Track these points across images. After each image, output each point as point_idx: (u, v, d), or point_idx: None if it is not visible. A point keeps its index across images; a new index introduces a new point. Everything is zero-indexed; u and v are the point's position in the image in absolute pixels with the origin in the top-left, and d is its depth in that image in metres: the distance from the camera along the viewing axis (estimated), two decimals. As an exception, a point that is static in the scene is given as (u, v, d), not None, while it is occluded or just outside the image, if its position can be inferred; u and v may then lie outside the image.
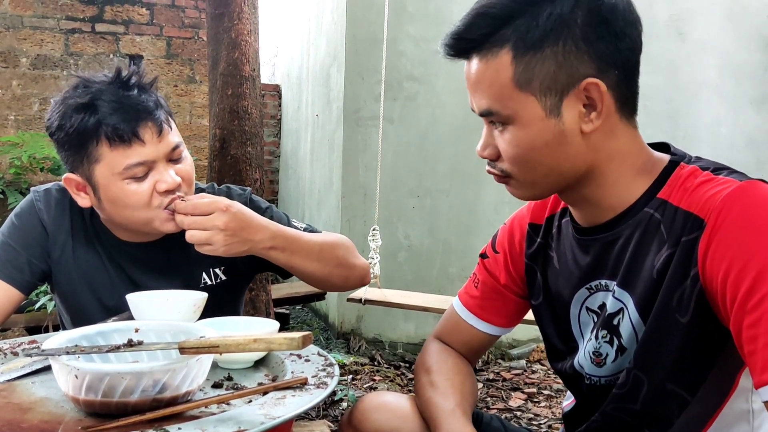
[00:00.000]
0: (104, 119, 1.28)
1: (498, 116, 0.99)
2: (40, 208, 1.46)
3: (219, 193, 1.55)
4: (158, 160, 1.33)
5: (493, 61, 0.96)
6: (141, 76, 1.36)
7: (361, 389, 3.29)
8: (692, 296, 0.92)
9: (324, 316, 4.66)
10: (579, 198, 1.05)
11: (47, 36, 5.33)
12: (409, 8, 4.02)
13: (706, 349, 0.95)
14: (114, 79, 1.34)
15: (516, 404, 3.26)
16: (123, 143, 1.29)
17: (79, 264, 1.46)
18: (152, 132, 1.31)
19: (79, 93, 1.31)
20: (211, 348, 0.93)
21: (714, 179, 0.95)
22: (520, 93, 0.95)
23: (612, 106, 0.97)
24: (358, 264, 1.53)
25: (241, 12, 3.05)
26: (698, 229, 0.91)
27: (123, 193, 1.32)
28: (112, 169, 1.31)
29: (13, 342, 1.29)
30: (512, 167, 1.01)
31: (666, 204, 0.97)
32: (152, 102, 1.34)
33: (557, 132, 0.96)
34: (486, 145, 1.04)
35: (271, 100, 6.42)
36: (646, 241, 0.99)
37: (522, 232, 1.22)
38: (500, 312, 1.26)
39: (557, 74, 0.94)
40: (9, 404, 1.00)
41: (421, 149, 4.09)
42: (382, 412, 1.19)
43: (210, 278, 1.50)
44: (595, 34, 0.93)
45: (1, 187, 4.84)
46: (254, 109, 3.07)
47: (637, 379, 1.01)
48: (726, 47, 4.39)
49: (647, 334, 0.98)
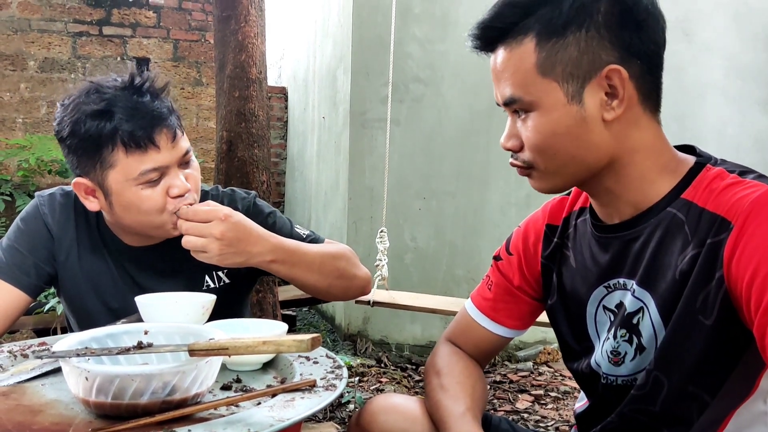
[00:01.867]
0: (120, 126, 1.29)
1: (521, 103, 1.00)
2: (44, 213, 1.47)
3: (223, 195, 1.55)
4: (171, 165, 1.34)
5: (517, 48, 0.98)
6: (153, 82, 1.37)
7: (367, 391, 3.29)
8: (717, 298, 0.92)
9: (330, 318, 4.66)
10: (602, 190, 1.04)
11: (55, 39, 5.35)
12: (415, 10, 4.02)
13: (729, 351, 0.95)
14: (128, 85, 1.34)
15: (523, 406, 3.25)
16: (139, 149, 1.30)
17: (84, 267, 1.47)
18: (167, 138, 1.32)
19: (93, 99, 1.31)
20: (221, 350, 0.94)
21: (741, 182, 0.94)
22: (543, 79, 0.97)
23: (635, 96, 0.97)
24: (359, 275, 1.52)
25: (247, 14, 3.06)
26: (725, 232, 0.91)
27: (137, 198, 1.33)
28: (126, 174, 1.32)
29: (23, 344, 1.30)
30: (534, 155, 1.02)
31: (691, 205, 0.97)
32: (165, 108, 1.35)
33: (579, 119, 0.97)
34: (510, 135, 1.05)
35: (278, 102, 6.43)
36: (669, 240, 0.98)
37: (537, 234, 1.22)
38: (513, 314, 1.26)
39: (580, 60, 0.95)
40: (19, 406, 1.00)
41: (428, 151, 4.09)
42: (390, 414, 1.19)
43: (213, 281, 1.51)
44: (618, 22, 0.95)
45: (9, 190, 4.86)
46: (261, 112, 3.07)
47: (657, 380, 1.00)
48: (732, 48, 4.38)
49: (669, 336, 0.98)
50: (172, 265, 1.47)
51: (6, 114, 5.27)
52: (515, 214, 4.01)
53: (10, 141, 5.04)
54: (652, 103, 1.00)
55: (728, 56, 4.38)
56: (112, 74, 1.39)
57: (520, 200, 4.06)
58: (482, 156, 4.09)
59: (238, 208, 1.52)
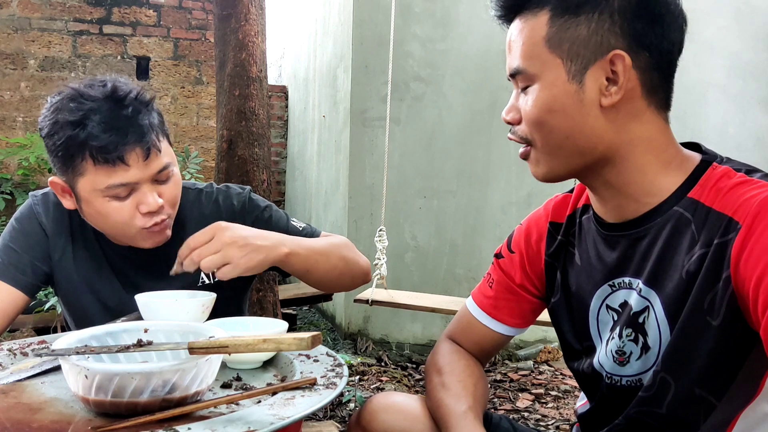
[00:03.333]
0: (91, 139, 1.27)
1: (525, 75, 1.01)
2: (38, 212, 1.47)
3: (218, 192, 1.55)
4: (142, 182, 1.32)
5: (532, 20, 1.00)
6: (139, 95, 1.34)
7: (368, 390, 3.29)
8: (724, 299, 0.91)
9: (331, 316, 4.66)
10: (602, 183, 1.04)
11: (55, 38, 5.35)
12: (415, 9, 4.01)
13: (735, 352, 0.94)
14: (109, 96, 1.31)
15: (523, 405, 3.25)
16: (107, 164, 1.28)
17: (78, 266, 1.47)
18: (138, 155, 1.30)
19: (71, 107, 1.30)
20: (221, 348, 0.93)
21: (749, 182, 0.94)
22: (549, 53, 0.98)
23: (637, 88, 0.97)
24: (361, 262, 1.53)
25: (248, 13, 3.06)
26: (732, 232, 0.90)
27: (104, 208, 1.33)
28: (94, 185, 1.31)
29: (23, 342, 1.30)
30: (530, 129, 1.02)
31: (697, 204, 0.96)
32: (145, 123, 1.32)
33: (576, 99, 0.97)
34: (511, 108, 1.06)
35: (278, 101, 6.43)
36: (676, 240, 0.98)
37: (540, 232, 1.21)
38: (514, 312, 1.26)
39: (588, 41, 0.96)
40: (19, 404, 1.00)
41: (428, 150, 4.09)
42: (391, 412, 1.19)
43: (209, 277, 1.50)
44: (633, 11, 0.95)
45: (10, 189, 4.87)
46: (261, 110, 3.07)
47: (664, 382, 1.00)
48: (733, 47, 4.38)
49: (677, 337, 0.97)
50: (166, 263, 1.47)
51: (6, 113, 5.27)
52: (516, 213, 4.01)
53: (10, 140, 5.04)
54: (658, 99, 1.00)
55: (729, 55, 4.37)
56: (107, 76, 1.37)
57: (521, 199, 4.06)
58: (483, 155, 4.08)
59: (233, 203, 1.53)
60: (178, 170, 1.42)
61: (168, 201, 1.37)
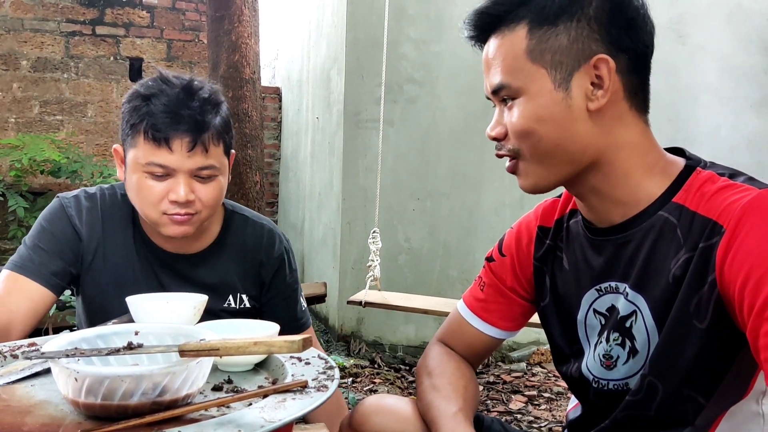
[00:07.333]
0: (150, 115, 1.35)
1: (508, 90, 1.01)
2: (71, 214, 1.49)
3: (265, 230, 1.59)
4: (179, 171, 1.36)
5: (509, 35, 1.01)
6: (211, 95, 1.41)
7: (361, 392, 3.28)
8: (710, 302, 0.92)
9: (324, 318, 4.66)
10: (589, 189, 1.05)
11: (48, 39, 5.34)
12: (409, 11, 4.02)
13: (723, 354, 0.95)
14: (184, 86, 1.39)
15: (516, 407, 3.25)
16: (154, 141, 1.34)
17: (108, 270, 1.49)
18: (183, 144, 1.35)
19: (149, 85, 1.39)
20: (212, 351, 0.93)
21: (732, 186, 0.95)
22: (532, 65, 0.99)
23: (620, 91, 0.99)
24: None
25: (241, 15, 3.06)
26: (717, 236, 0.91)
27: (139, 182, 1.38)
28: (137, 158, 1.37)
29: (13, 345, 1.29)
30: (518, 142, 1.02)
31: (682, 208, 0.97)
32: (204, 120, 1.37)
33: (564, 106, 0.98)
34: (496, 124, 1.06)
35: (272, 102, 6.42)
36: (661, 244, 0.99)
37: (530, 235, 1.22)
38: (505, 315, 1.26)
39: (569, 49, 0.97)
40: (8, 407, 0.99)
41: (422, 152, 4.09)
42: (382, 415, 1.19)
43: (236, 302, 1.54)
44: (608, 17, 0.97)
45: (2, 190, 4.84)
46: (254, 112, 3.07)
47: (652, 385, 1.00)
48: (726, 50, 4.39)
49: (664, 341, 0.98)
50: (204, 277, 1.50)
51: (-2, 113, 5.24)
52: (509, 215, 4.01)
53: (2, 141, 5.01)
54: (638, 101, 1.02)
55: (722, 58, 4.39)
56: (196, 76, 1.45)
57: (515, 201, 4.06)
58: (476, 157, 4.09)
59: (274, 250, 1.57)
60: (226, 181, 1.46)
61: (201, 200, 1.40)
